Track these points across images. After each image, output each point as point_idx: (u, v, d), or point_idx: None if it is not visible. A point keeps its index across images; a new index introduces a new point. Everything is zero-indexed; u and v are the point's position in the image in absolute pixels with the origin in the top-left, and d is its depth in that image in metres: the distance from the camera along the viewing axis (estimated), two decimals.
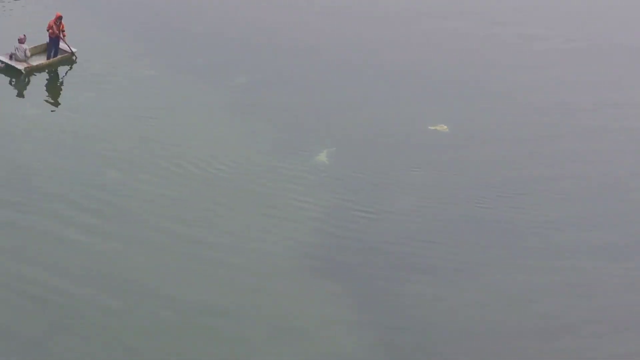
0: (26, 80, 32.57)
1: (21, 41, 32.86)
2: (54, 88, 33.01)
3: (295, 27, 40.09)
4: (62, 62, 33.92)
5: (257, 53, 36.76)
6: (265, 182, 27.70)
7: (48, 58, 33.78)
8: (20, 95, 32.10)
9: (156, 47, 36.28)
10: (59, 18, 33.47)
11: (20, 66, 32.63)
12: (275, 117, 31.63)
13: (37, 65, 33.09)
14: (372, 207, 27.03)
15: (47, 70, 33.47)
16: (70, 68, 33.92)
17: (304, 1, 43.06)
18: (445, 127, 32.01)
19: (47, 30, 33.52)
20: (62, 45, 33.94)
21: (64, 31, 33.69)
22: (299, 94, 33.67)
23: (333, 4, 43.13)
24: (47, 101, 32.06)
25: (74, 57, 34.09)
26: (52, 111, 31.46)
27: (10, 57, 32.82)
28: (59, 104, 32.06)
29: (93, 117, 30.47)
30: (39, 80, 32.91)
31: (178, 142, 29.34)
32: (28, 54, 32.86)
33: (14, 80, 32.51)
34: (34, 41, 34.13)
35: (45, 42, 34.13)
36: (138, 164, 27.92)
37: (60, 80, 33.39)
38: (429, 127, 31.98)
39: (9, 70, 32.68)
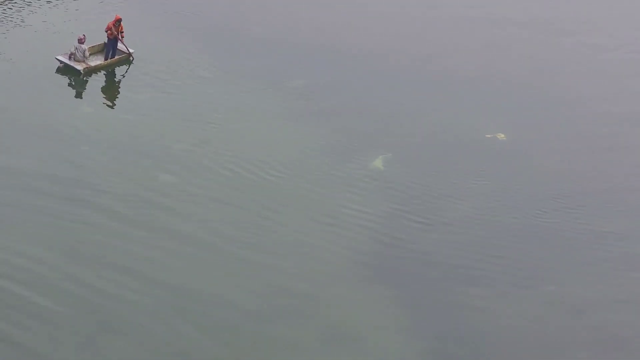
0: (84, 80, 32.94)
1: (81, 41, 33.31)
2: (110, 88, 33.39)
3: (354, 31, 40.11)
4: (120, 63, 34.39)
5: (315, 56, 36.89)
6: (319, 187, 27.78)
7: (106, 59, 34.25)
8: (78, 95, 32.53)
9: (214, 49, 36.53)
10: (118, 20, 33.95)
11: (79, 66, 33.08)
12: (331, 122, 31.69)
13: (95, 66, 33.54)
14: (427, 216, 26.91)
15: (104, 71, 33.89)
16: (128, 69, 34.33)
17: (363, 5, 43.12)
18: (504, 135, 31.80)
19: (106, 32, 33.99)
20: (120, 46, 34.40)
21: (122, 33, 34.09)
22: (355, 99, 33.67)
23: (392, 7, 43.17)
24: (103, 101, 32.45)
25: (131, 58, 34.53)
26: (108, 111, 31.83)
27: (70, 57, 33.24)
28: (115, 104, 32.46)
29: (148, 118, 30.79)
30: (96, 81, 33.37)
31: (232, 146, 29.46)
32: (87, 54, 33.31)
33: (72, 80, 32.93)
34: (92, 41, 34.66)
35: (103, 42, 34.60)
36: (192, 166, 28.07)
37: (117, 80, 33.78)
38: (487, 136, 31.82)
39: (67, 69, 33.12)
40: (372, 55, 37.61)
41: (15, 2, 38.39)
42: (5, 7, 37.87)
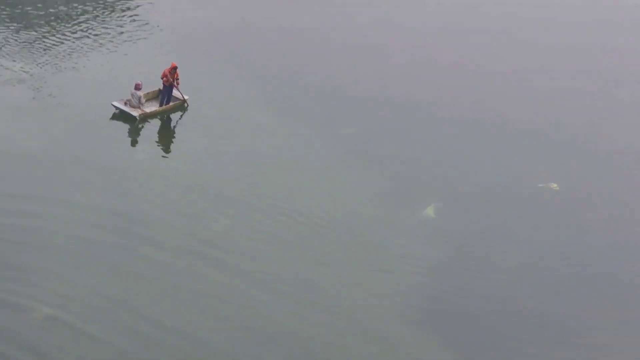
0: (139, 126, 33.25)
1: (138, 87, 33.75)
2: (165, 134, 33.69)
3: (408, 78, 40.09)
4: (174, 109, 34.69)
5: (368, 104, 36.85)
6: (371, 234, 27.81)
7: (161, 105, 34.67)
8: (133, 140, 32.81)
9: (268, 94, 36.72)
10: (174, 68, 34.36)
11: (135, 113, 33.43)
12: (383, 169, 31.68)
13: (150, 112, 33.84)
14: (478, 264, 26.84)
15: (158, 117, 34.27)
16: (182, 115, 34.60)
17: (420, 54, 43.08)
18: (556, 185, 31.63)
19: (162, 79, 34.36)
20: (175, 92, 34.82)
21: (178, 80, 34.51)
22: (407, 146, 33.60)
23: (448, 56, 43.10)
24: (158, 146, 32.76)
25: (185, 105, 34.88)
26: (162, 156, 32.17)
27: (125, 103, 33.62)
28: (170, 150, 32.76)
29: (203, 164, 31.02)
30: (151, 127, 33.69)
31: (286, 191, 29.59)
32: (142, 100, 33.72)
33: (127, 126, 33.20)
34: (147, 87, 35.12)
35: (158, 88, 35.11)
36: (246, 212, 28.23)
37: (172, 126, 34.06)
38: (539, 185, 31.64)
39: (123, 115, 33.42)
40: (424, 103, 37.53)
41: (75, 47, 39.00)
42: (64, 51, 38.45)
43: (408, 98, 37.89)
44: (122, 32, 41.73)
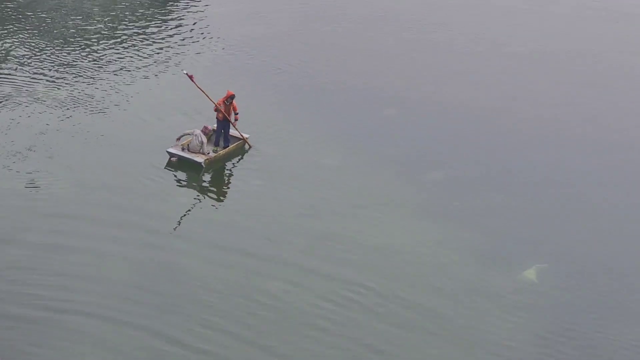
0: (202, 175, 31.97)
1: (206, 131, 32.25)
2: (219, 175, 32.49)
3: (508, 114, 38.46)
4: (236, 151, 33.10)
5: (458, 144, 35.40)
6: (460, 298, 26.53)
7: (217, 144, 32.90)
8: (181, 184, 31.52)
9: (338, 132, 35.45)
10: (231, 97, 32.35)
11: (199, 159, 31.57)
12: (475, 222, 30.25)
13: (216, 156, 32.15)
14: (587, 339, 25.27)
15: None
16: (241, 155, 33.30)
17: (521, 85, 41.37)
18: None
19: (215, 111, 32.57)
20: (232, 131, 33.09)
21: (237, 113, 32.73)
22: (504, 196, 31.96)
23: (552, 90, 41.13)
24: (211, 190, 31.70)
25: (247, 147, 33.27)
26: (216, 200, 31.14)
27: (183, 149, 31.81)
28: (225, 193, 31.76)
29: (261, 210, 29.99)
30: (183, 166, 32.17)
31: (356, 248, 28.37)
32: (205, 146, 31.91)
33: (192, 173, 31.82)
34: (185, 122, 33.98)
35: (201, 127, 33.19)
36: (310, 269, 27.13)
37: (228, 168, 32.72)
38: None
39: (182, 163, 31.85)
40: (526, 145, 35.69)
41: (119, 89, 37.55)
42: (110, 91, 37.17)
43: (507, 137, 36.31)
44: (166, 56, 40.89)
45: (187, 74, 32.30)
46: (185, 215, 29.65)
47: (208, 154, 31.81)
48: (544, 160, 34.64)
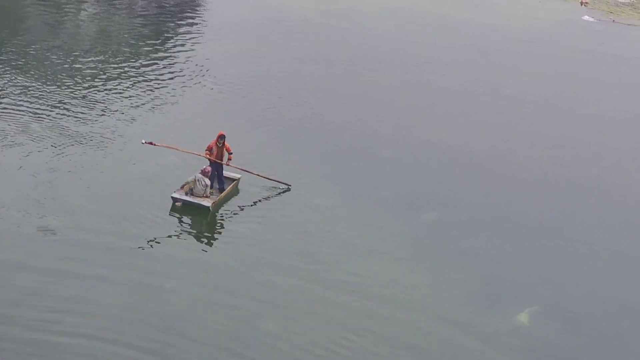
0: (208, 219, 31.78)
1: (206, 173, 31.83)
2: (214, 218, 31.99)
3: (503, 156, 38.70)
4: (233, 193, 33.03)
5: (453, 185, 35.42)
6: (453, 340, 26.32)
7: (211, 186, 32.51)
8: (171, 227, 31.10)
9: (335, 172, 35.53)
10: (222, 137, 32.41)
11: (206, 202, 31.48)
12: (468, 264, 30.17)
13: (219, 199, 32.01)
14: None
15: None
16: (236, 195, 33.15)
17: (516, 128, 41.75)
18: None
19: (206, 154, 32.53)
20: (225, 171, 33.04)
21: (230, 153, 32.75)
22: (499, 238, 31.94)
23: (551, 131, 41.49)
24: (201, 235, 31.24)
25: (238, 187, 33.28)
26: (206, 244, 30.69)
27: (186, 193, 31.65)
28: (215, 238, 31.24)
29: (250, 255, 29.54)
30: (186, 212, 31.78)
31: (350, 290, 28.17)
32: (209, 189, 31.76)
33: (197, 218, 31.52)
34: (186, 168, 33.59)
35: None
36: (299, 311, 26.89)
37: (223, 209, 32.40)
38: None
39: (186, 208, 31.56)
40: (523, 186, 35.92)
41: (114, 129, 37.41)
42: (105, 131, 37.07)
43: (501, 179, 36.50)
44: (159, 93, 40.98)
45: (145, 142, 32.11)
46: (181, 257, 29.13)
47: (212, 194, 31.77)
48: (539, 203, 34.71)
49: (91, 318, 25.47)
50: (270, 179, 33.40)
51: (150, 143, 32.32)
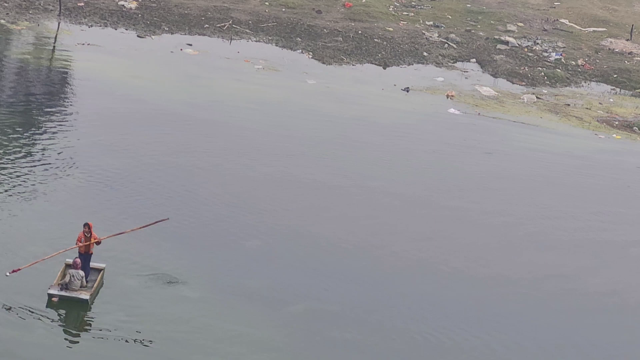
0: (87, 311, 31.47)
1: (77, 266, 31.60)
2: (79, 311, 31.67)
3: (372, 247, 38.58)
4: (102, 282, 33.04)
5: (322, 275, 35.44)
6: None
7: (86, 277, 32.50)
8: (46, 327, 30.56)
9: (197, 263, 35.21)
10: (87, 226, 32.22)
11: (84, 296, 31.34)
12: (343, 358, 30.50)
13: (95, 289, 31.96)
14: None
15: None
16: (101, 286, 32.88)
17: (385, 218, 41.80)
18: None
19: (77, 244, 32.29)
20: (92, 262, 32.81)
21: (99, 243, 32.56)
22: (374, 335, 31.99)
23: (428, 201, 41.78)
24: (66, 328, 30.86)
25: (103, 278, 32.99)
26: (69, 340, 30.32)
27: (61, 288, 31.42)
28: (80, 329, 30.86)
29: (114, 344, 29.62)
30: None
31: None
32: (85, 281, 31.68)
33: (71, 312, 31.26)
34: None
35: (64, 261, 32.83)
36: None
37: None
38: None
39: (64, 302, 31.29)
40: (399, 272, 36.24)
41: None
42: None
43: (378, 265, 36.26)
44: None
45: (10, 273, 31.44)
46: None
47: (88, 284, 31.62)
48: (405, 294, 34.71)
49: None
50: (148, 225, 33.45)
51: (16, 270, 31.58)
